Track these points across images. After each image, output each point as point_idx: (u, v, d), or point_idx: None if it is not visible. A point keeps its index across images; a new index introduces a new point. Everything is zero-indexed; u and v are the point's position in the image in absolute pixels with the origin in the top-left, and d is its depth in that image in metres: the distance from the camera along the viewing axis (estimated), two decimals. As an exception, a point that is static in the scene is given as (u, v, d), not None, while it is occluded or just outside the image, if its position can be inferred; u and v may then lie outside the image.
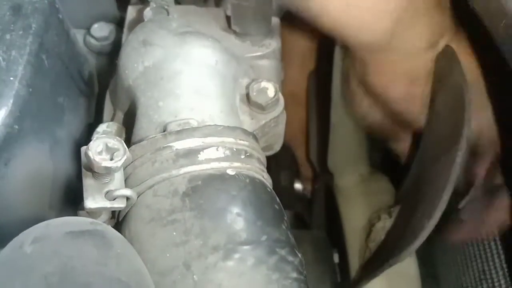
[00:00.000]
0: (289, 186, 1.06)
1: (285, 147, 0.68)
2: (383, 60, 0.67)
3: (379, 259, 0.73)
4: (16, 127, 0.45)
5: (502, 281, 0.70)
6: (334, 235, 0.87)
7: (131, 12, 0.67)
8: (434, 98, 0.68)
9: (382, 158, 0.93)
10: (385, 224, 0.75)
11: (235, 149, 0.49)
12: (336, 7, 0.60)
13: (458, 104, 0.60)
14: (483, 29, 0.54)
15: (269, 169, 0.54)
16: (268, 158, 0.58)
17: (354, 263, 0.79)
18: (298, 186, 1.07)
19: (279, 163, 1.03)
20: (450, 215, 0.66)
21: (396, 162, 0.86)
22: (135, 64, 0.54)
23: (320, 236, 0.88)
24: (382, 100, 0.71)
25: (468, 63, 0.65)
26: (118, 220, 0.49)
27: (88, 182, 0.45)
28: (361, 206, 0.82)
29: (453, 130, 0.60)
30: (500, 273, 0.70)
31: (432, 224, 0.59)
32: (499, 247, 0.71)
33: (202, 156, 0.48)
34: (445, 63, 0.65)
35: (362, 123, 0.79)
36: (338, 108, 0.81)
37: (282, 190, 1.03)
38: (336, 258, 0.83)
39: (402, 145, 0.78)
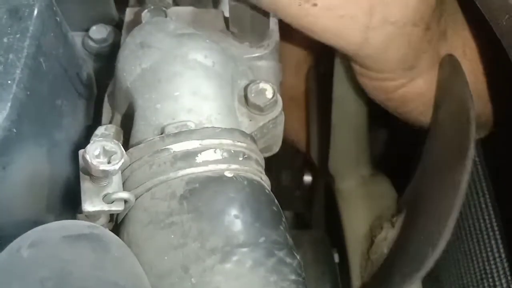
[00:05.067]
0: (289, 186, 1.06)
1: (286, 148, 0.68)
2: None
3: (381, 281, 0.73)
4: (14, 130, 0.45)
5: (503, 280, 0.70)
6: (334, 234, 0.87)
7: (129, 14, 0.67)
8: (439, 106, 0.67)
9: (384, 159, 0.93)
10: (387, 235, 0.74)
11: (233, 151, 0.49)
12: (313, 10, 0.59)
13: (462, 118, 0.60)
14: (486, 24, 0.54)
15: (269, 170, 0.54)
16: (268, 159, 0.58)
17: (355, 272, 0.79)
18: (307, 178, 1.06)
19: (280, 164, 1.04)
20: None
21: (398, 163, 0.86)
22: (132, 66, 0.54)
23: (320, 236, 0.87)
24: None
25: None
26: (117, 223, 0.49)
27: (86, 185, 0.45)
28: (363, 211, 0.82)
29: (457, 145, 0.59)
30: (501, 272, 0.70)
31: (436, 253, 0.58)
32: (500, 246, 0.71)
33: (199, 158, 0.48)
34: (449, 72, 0.65)
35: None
36: (339, 109, 0.81)
37: (282, 190, 1.03)
38: (336, 258, 0.83)
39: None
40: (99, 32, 0.70)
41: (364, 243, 0.79)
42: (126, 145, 0.52)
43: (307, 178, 1.06)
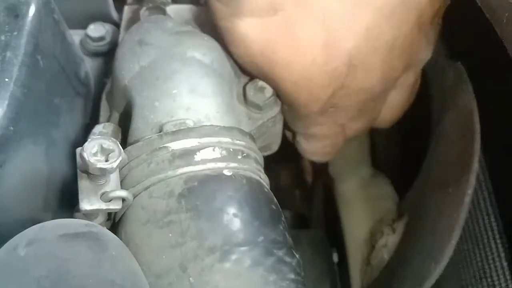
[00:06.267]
0: (289, 185, 1.06)
1: (285, 146, 0.68)
2: None
3: None
4: (12, 128, 0.45)
5: (502, 280, 0.69)
6: (334, 234, 0.87)
7: (127, 12, 0.67)
8: (442, 113, 0.67)
9: (385, 159, 0.92)
10: (387, 240, 0.74)
11: (231, 150, 0.49)
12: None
13: (467, 131, 0.59)
14: (486, 22, 0.54)
15: (269, 169, 0.53)
16: (268, 158, 0.58)
17: (355, 276, 0.79)
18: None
19: (279, 163, 1.03)
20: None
21: (400, 163, 0.85)
22: (131, 64, 0.54)
23: (319, 236, 0.87)
24: None
25: None
26: (114, 221, 0.49)
27: (83, 183, 0.45)
28: (363, 215, 0.81)
29: (462, 158, 0.59)
30: (500, 272, 0.70)
31: (439, 270, 0.58)
32: (499, 246, 0.70)
33: (198, 156, 0.47)
34: (453, 79, 0.64)
35: None
36: None
37: (281, 189, 1.03)
38: (335, 257, 0.83)
39: None
40: (97, 30, 0.70)
41: (364, 248, 0.79)
42: (124, 143, 0.51)
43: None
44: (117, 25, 0.71)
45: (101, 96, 0.61)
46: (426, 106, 0.73)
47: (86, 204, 0.44)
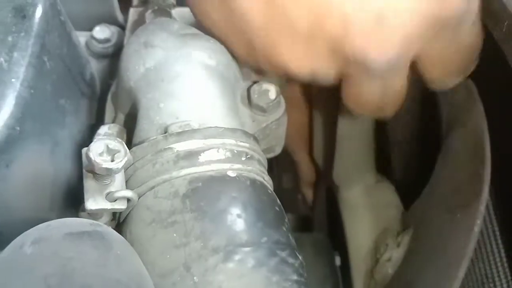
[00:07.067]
0: (291, 188, 1.06)
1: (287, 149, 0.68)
2: None
3: None
4: (18, 128, 0.45)
5: (505, 285, 0.69)
6: (336, 237, 0.87)
7: (133, 14, 0.68)
8: (450, 132, 0.66)
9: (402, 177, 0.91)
10: (391, 255, 0.73)
11: (236, 151, 0.49)
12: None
13: (477, 155, 0.57)
14: (485, 30, 0.54)
15: (271, 172, 0.54)
16: (270, 161, 0.58)
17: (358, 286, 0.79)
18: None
19: (281, 165, 1.03)
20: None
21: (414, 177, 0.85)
22: (136, 66, 0.54)
23: (322, 239, 0.87)
24: None
25: None
26: (119, 221, 0.49)
27: (89, 183, 0.45)
28: (367, 223, 0.80)
29: (471, 184, 0.58)
30: (503, 277, 0.70)
31: None
32: (502, 251, 0.70)
33: (202, 157, 0.48)
34: (463, 98, 0.63)
35: None
36: (345, 120, 0.79)
37: (284, 192, 1.03)
38: (337, 260, 0.83)
39: None
40: (103, 32, 0.70)
41: (368, 259, 0.78)
42: (129, 144, 0.52)
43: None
44: (122, 27, 0.71)
45: (106, 98, 0.61)
46: (435, 124, 0.72)
47: (92, 204, 0.44)
